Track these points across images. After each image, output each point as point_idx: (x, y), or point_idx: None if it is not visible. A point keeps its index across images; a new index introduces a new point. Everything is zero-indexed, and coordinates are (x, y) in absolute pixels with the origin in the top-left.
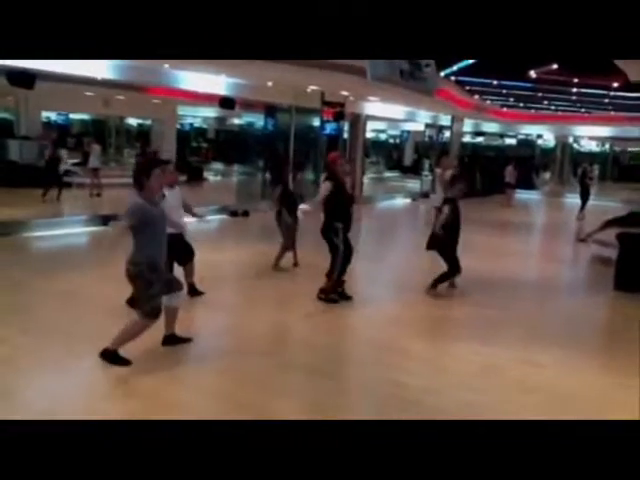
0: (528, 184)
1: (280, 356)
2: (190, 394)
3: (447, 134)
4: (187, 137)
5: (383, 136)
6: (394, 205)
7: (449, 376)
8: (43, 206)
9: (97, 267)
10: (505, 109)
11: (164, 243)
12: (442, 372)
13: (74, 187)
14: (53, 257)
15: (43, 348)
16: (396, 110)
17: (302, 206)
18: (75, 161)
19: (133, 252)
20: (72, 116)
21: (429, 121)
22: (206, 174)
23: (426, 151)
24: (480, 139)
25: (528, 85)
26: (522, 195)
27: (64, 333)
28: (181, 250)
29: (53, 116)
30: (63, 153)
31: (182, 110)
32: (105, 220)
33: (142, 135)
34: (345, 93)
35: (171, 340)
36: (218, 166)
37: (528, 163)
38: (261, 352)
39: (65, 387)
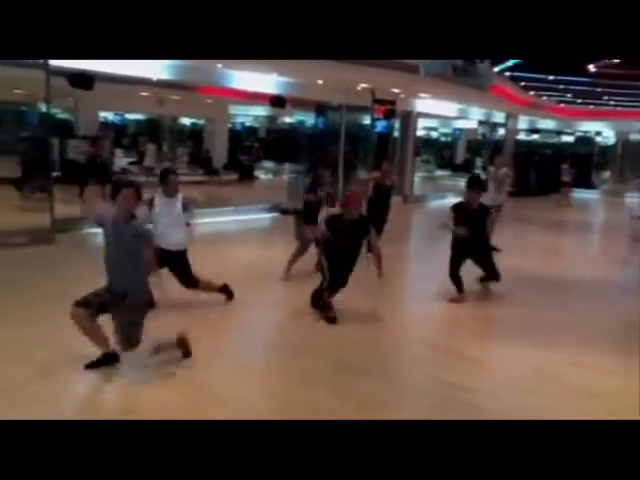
0: (587, 183)
1: (330, 355)
2: (240, 390)
3: (501, 132)
4: (239, 136)
5: (434, 134)
6: (445, 204)
7: (504, 378)
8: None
9: None
10: (562, 105)
11: (114, 267)
12: (497, 374)
13: None
14: None
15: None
16: (448, 107)
17: None
18: (131, 160)
19: None
20: (127, 116)
21: (482, 118)
22: (257, 173)
23: (478, 149)
24: (535, 136)
25: (587, 80)
26: (580, 194)
27: None
28: (179, 270)
29: (110, 116)
30: (115, 151)
31: (234, 109)
32: None
33: (195, 134)
34: (396, 90)
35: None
36: (269, 165)
37: (586, 161)
38: (311, 350)
39: (112, 380)
